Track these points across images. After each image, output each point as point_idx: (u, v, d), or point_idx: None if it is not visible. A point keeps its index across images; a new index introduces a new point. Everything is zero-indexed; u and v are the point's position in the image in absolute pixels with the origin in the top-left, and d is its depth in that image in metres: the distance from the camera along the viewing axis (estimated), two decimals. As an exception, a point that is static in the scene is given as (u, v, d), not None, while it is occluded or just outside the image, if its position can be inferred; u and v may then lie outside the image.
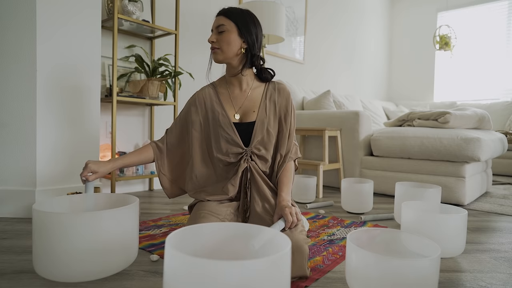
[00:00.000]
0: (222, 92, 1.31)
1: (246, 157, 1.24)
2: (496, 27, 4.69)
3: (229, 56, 1.23)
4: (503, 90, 4.67)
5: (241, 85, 1.29)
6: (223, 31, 1.21)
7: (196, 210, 1.20)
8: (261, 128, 1.24)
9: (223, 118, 1.25)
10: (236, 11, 1.23)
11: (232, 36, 1.21)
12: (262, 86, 1.32)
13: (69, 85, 1.69)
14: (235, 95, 1.30)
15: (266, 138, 1.25)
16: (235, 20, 1.21)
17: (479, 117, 2.41)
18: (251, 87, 1.30)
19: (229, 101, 1.29)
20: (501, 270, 1.11)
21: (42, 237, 0.89)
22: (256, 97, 1.29)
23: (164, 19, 2.46)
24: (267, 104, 1.28)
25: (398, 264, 0.77)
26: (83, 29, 1.73)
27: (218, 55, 1.23)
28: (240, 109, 1.28)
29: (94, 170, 1.14)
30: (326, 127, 2.46)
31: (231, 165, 1.27)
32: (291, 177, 1.26)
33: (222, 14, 1.23)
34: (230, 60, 1.24)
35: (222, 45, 1.21)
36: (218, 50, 1.22)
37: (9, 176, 1.59)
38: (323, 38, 4.13)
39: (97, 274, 0.92)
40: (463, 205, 2.11)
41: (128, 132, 2.31)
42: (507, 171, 3.71)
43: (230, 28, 1.21)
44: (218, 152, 1.26)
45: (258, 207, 1.20)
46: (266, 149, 1.25)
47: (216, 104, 1.29)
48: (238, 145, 1.24)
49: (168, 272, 0.59)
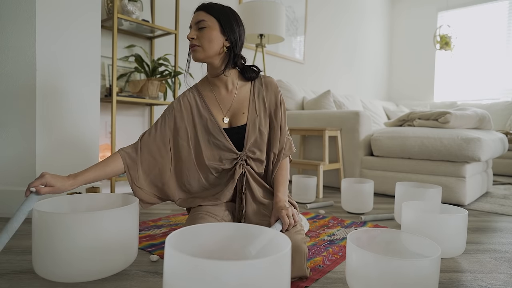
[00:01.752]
0: (207, 95, 1.24)
1: (241, 162, 1.19)
2: (496, 27, 4.68)
3: (210, 54, 1.14)
4: (504, 90, 4.67)
5: (226, 85, 1.22)
6: (204, 27, 1.12)
7: (194, 211, 1.19)
8: (253, 130, 1.19)
9: (212, 124, 1.19)
10: (217, 6, 1.15)
11: (214, 33, 1.12)
12: (249, 83, 1.25)
13: (69, 85, 1.69)
14: (222, 97, 1.22)
15: (259, 139, 1.20)
16: (217, 16, 1.13)
17: (480, 117, 2.41)
18: (237, 86, 1.23)
19: (216, 105, 1.22)
20: (501, 271, 1.11)
21: (42, 237, 0.89)
22: (244, 96, 1.22)
23: (164, 18, 2.46)
24: (256, 103, 1.22)
25: (398, 264, 0.77)
26: (83, 30, 1.72)
27: (198, 53, 1.14)
28: (228, 112, 1.21)
29: (50, 183, 0.97)
30: (326, 127, 2.46)
31: (224, 171, 1.22)
32: (287, 175, 1.22)
33: (203, 9, 1.14)
34: (211, 59, 1.16)
35: (203, 42, 1.12)
36: (199, 48, 1.13)
37: (9, 176, 1.59)
38: (323, 38, 4.13)
39: (97, 274, 0.92)
40: (463, 205, 2.11)
41: (128, 132, 2.31)
42: (507, 171, 3.71)
43: (211, 24, 1.12)
44: (211, 160, 1.19)
45: (254, 212, 1.18)
46: (260, 150, 1.21)
47: (203, 109, 1.21)
48: (231, 150, 1.18)
49: (168, 272, 0.59)
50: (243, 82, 1.24)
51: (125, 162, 1.16)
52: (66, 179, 1.02)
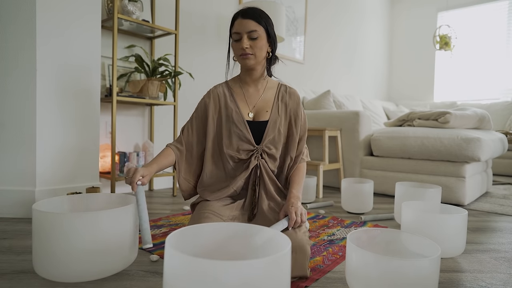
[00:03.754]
0: (237, 91, 1.32)
1: (257, 154, 1.24)
2: (496, 27, 4.69)
3: (259, 60, 1.23)
4: (503, 90, 4.67)
5: (256, 85, 1.31)
6: (257, 38, 1.19)
7: (199, 210, 1.20)
8: (273, 128, 1.25)
9: (237, 116, 1.26)
10: (263, 15, 1.22)
11: (263, 42, 1.21)
12: (275, 87, 1.34)
13: (69, 85, 1.69)
14: (250, 94, 1.31)
15: (277, 138, 1.26)
16: (265, 26, 1.21)
17: (479, 117, 2.41)
18: (265, 87, 1.32)
19: (243, 100, 1.30)
20: (501, 270, 1.11)
21: (42, 237, 0.89)
22: (269, 97, 1.31)
23: (164, 19, 2.46)
24: (279, 105, 1.29)
25: (398, 264, 0.77)
26: (83, 30, 1.72)
27: (251, 61, 1.21)
28: (254, 108, 1.29)
29: (144, 173, 1.10)
30: (326, 127, 2.46)
31: (241, 162, 1.27)
32: (303, 177, 1.28)
33: (252, 18, 1.19)
34: (258, 65, 1.25)
35: (256, 51, 1.20)
36: (252, 56, 1.21)
37: (9, 176, 1.59)
38: (323, 38, 4.13)
39: (97, 274, 0.92)
40: (463, 205, 2.11)
41: (128, 132, 2.31)
42: (507, 171, 3.71)
43: (262, 34, 1.20)
44: (229, 148, 1.25)
45: (265, 205, 1.21)
46: (276, 148, 1.26)
47: (230, 102, 1.29)
48: (250, 142, 1.24)
49: (168, 272, 0.59)
50: (270, 85, 1.34)
51: (176, 154, 1.27)
52: (149, 167, 1.13)
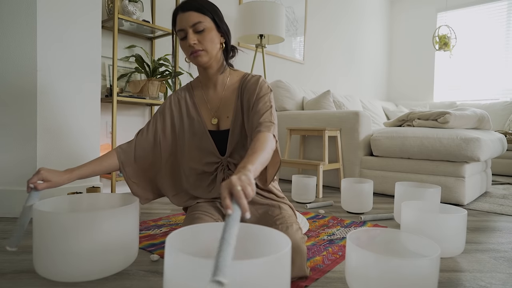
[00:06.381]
0: (198, 94, 1.21)
1: (222, 167, 1.17)
2: (496, 27, 4.69)
3: (213, 55, 1.10)
4: (503, 90, 4.67)
5: (215, 84, 1.18)
6: (203, 30, 1.06)
7: (190, 211, 1.18)
8: (236, 135, 1.16)
9: (199, 125, 1.17)
10: (205, 3, 1.08)
11: (213, 33, 1.08)
12: (237, 82, 1.18)
13: (69, 85, 1.69)
14: (210, 97, 1.19)
15: (242, 141, 1.17)
16: (210, 15, 1.08)
17: (479, 117, 2.42)
18: (225, 86, 1.18)
19: (205, 104, 1.19)
20: (500, 270, 1.12)
21: (42, 237, 0.90)
22: (230, 97, 1.17)
23: (164, 19, 2.46)
24: (240, 105, 1.16)
25: (398, 264, 0.78)
26: (84, 30, 1.73)
27: (203, 58, 1.09)
28: (216, 113, 1.19)
29: (47, 178, 0.98)
30: (326, 127, 2.46)
31: (205, 174, 1.21)
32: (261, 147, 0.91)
33: (193, 9, 1.06)
34: (213, 60, 1.12)
35: (206, 45, 1.07)
36: (203, 52, 1.08)
37: (9, 176, 1.59)
38: (323, 38, 4.13)
39: (97, 274, 0.92)
40: (462, 205, 2.11)
41: (128, 132, 2.31)
42: (506, 171, 3.71)
43: (208, 24, 1.07)
44: (191, 161, 1.18)
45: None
46: (244, 151, 1.17)
47: (192, 109, 1.20)
48: (214, 154, 1.16)
49: (168, 272, 0.59)
50: (232, 81, 1.19)
51: (119, 159, 1.18)
52: (62, 174, 1.03)
